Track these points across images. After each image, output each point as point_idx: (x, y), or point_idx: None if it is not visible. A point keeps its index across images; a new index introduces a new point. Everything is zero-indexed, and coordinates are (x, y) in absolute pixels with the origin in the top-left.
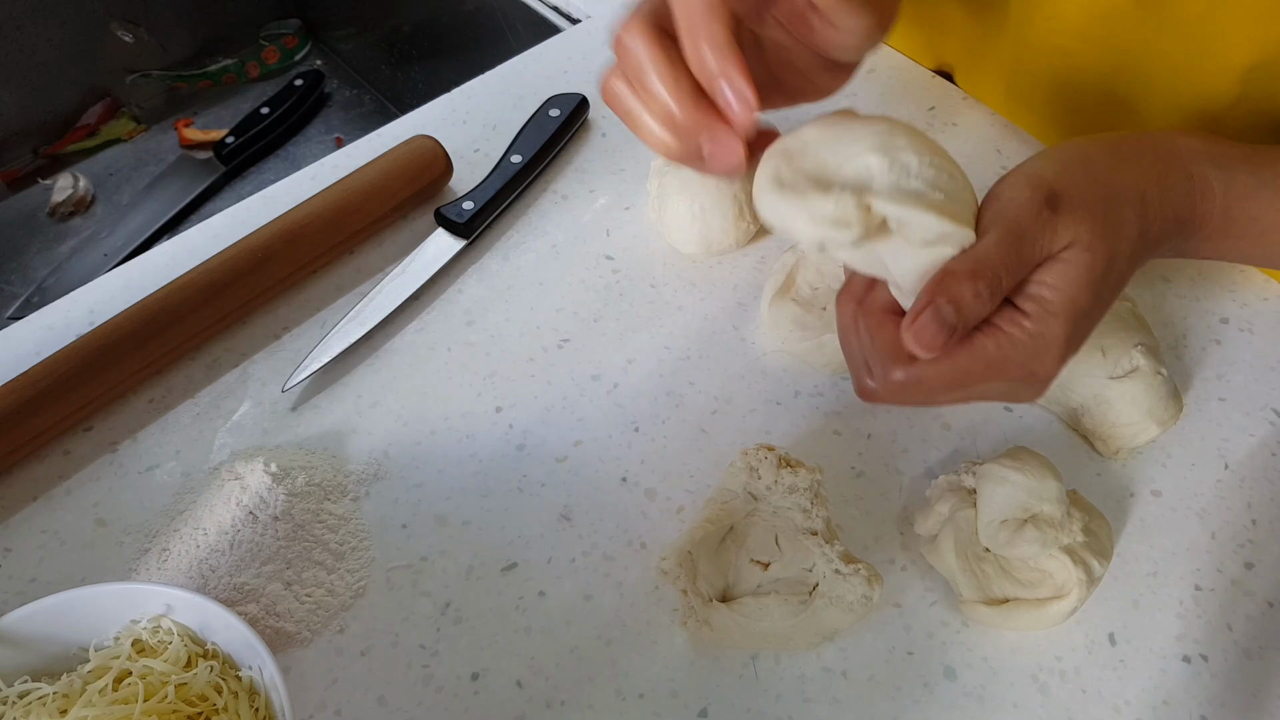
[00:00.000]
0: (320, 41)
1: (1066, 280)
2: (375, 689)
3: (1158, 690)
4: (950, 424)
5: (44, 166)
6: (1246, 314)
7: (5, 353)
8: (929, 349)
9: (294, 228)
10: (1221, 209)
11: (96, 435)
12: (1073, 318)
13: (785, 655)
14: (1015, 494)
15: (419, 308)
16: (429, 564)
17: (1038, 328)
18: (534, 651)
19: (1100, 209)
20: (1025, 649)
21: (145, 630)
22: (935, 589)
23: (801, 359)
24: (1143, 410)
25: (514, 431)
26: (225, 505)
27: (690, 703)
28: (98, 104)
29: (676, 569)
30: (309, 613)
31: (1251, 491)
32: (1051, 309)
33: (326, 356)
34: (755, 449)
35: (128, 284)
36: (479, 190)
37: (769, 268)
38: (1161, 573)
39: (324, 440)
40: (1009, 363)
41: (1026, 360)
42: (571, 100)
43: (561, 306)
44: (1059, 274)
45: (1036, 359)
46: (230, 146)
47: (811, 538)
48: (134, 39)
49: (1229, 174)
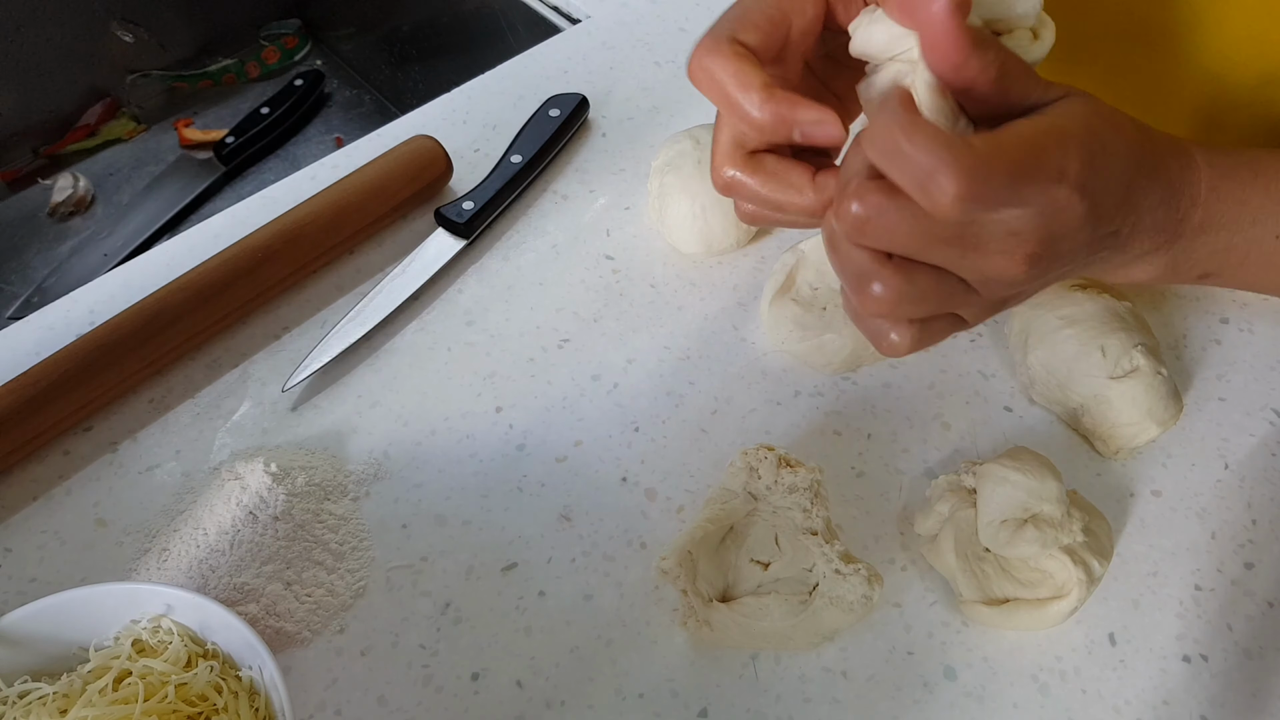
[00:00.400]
0: (320, 41)
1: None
2: (375, 689)
3: (1158, 690)
4: (950, 424)
5: (44, 166)
6: (1246, 314)
7: (5, 353)
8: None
9: (294, 228)
10: (1207, 189)
11: (96, 435)
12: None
13: (785, 655)
14: (1015, 494)
15: (419, 308)
16: (429, 564)
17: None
18: (534, 651)
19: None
20: (1025, 649)
21: (145, 630)
22: (935, 589)
23: (801, 359)
24: (1143, 410)
25: (514, 431)
26: (225, 505)
27: (690, 703)
28: (98, 104)
29: (676, 568)
30: (309, 613)
31: (1251, 491)
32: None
33: (326, 356)
34: (755, 449)
35: (128, 284)
36: (479, 190)
37: (769, 268)
38: (1161, 573)
39: (324, 440)
40: (1056, 235)
41: (1061, 235)
42: (571, 100)
43: (561, 306)
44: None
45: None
46: (230, 146)
47: (811, 537)
48: (134, 39)
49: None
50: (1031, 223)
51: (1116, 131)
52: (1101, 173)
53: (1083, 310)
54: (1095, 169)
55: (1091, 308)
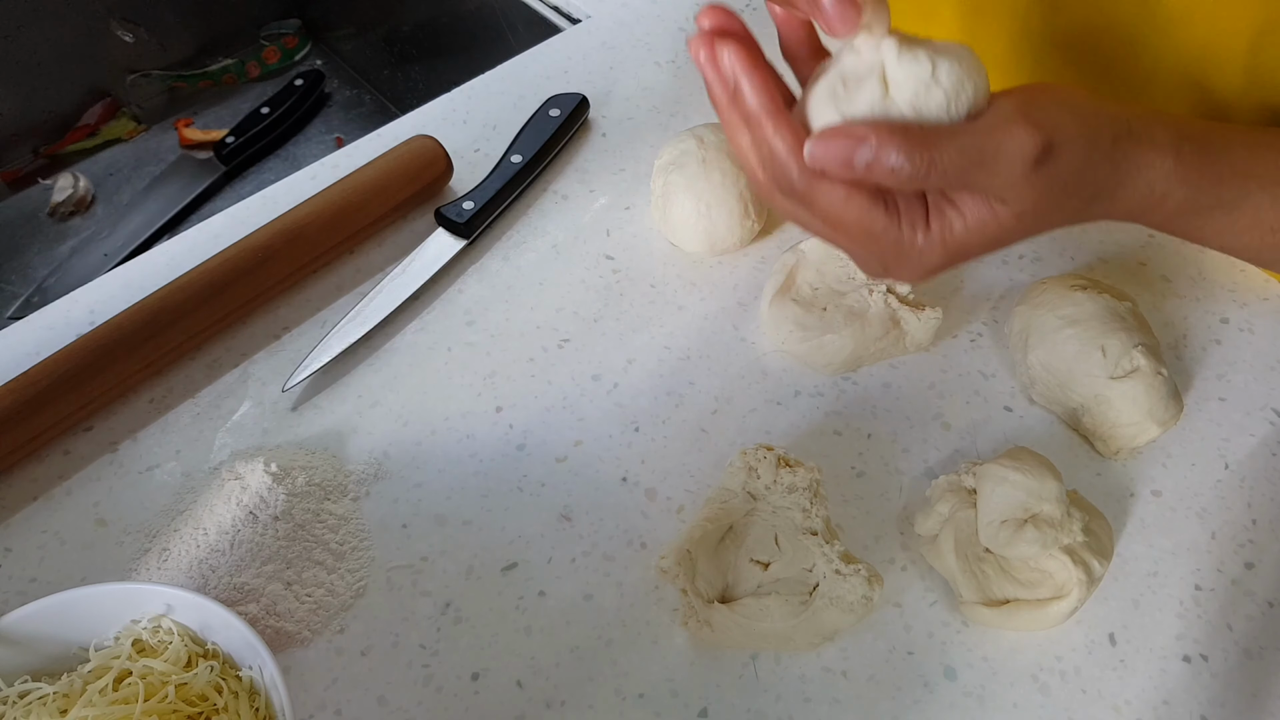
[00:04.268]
0: (320, 41)
1: (980, 229)
2: (375, 689)
3: (1158, 690)
4: (950, 424)
5: (44, 166)
6: (1246, 314)
7: (5, 353)
8: (817, 160)
9: (294, 228)
10: (1168, 216)
11: (96, 435)
12: (957, 257)
13: (785, 655)
14: (1015, 494)
15: (419, 308)
16: (429, 564)
17: (926, 244)
18: (534, 651)
19: (1061, 193)
20: (1025, 649)
21: (145, 630)
22: (935, 589)
23: (801, 359)
24: (1143, 410)
25: (514, 431)
26: (225, 505)
27: (690, 703)
28: (98, 104)
29: (675, 568)
30: (309, 613)
31: (1251, 491)
32: (949, 241)
33: (326, 356)
34: (754, 449)
35: (128, 284)
36: (479, 190)
37: (769, 268)
38: (1161, 573)
39: (324, 440)
40: (881, 245)
41: (895, 255)
42: (571, 100)
43: (561, 306)
44: (980, 220)
45: (903, 262)
46: (230, 146)
47: (811, 537)
48: (134, 39)
49: (1191, 191)
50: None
51: (1015, 238)
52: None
53: (1083, 310)
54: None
55: (1092, 308)
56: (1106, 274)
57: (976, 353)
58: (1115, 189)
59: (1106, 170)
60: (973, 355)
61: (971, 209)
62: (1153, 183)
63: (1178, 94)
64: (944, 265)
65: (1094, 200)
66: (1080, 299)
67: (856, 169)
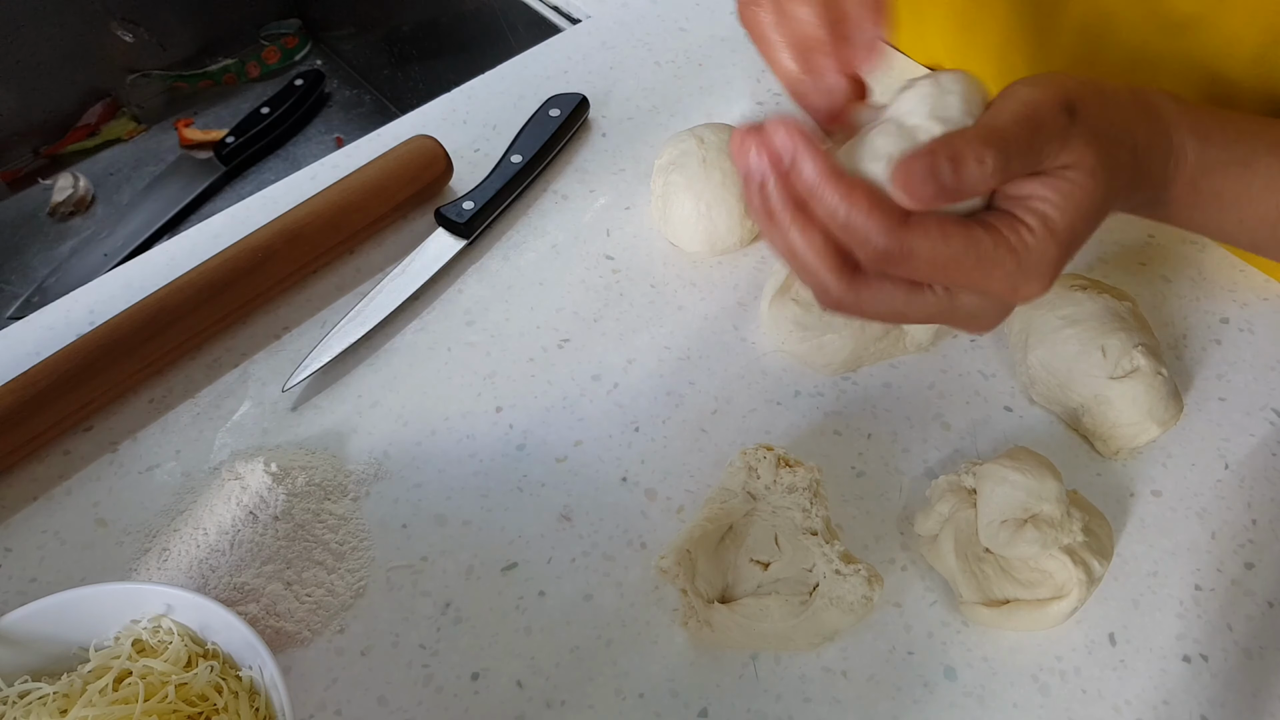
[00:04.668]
0: (320, 41)
1: (1072, 203)
2: (375, 689)
3: (1158, 690)
4: (950, 424)
5: (44, 166)
6: (1246, 314)
7: (5, 353)
8: (915, 195)
9: (294, 228)
10: (1189, 179)
11: (96, 435)
12: (1070, 243)
13: (785, 655)
14: (1015, 494)
15: (419, 308)
16: (429, 564)
17: (1036, 242)
18: (534, 651)
19: (1107, 141)
20: (1025, 649)
21: (145, 630)
22: (935, 589)
23: (801, 359)
24: (1143, 410)
25: (514, 431)
26: (225, 505)
27: (690, 703)
28: (98, 104)
29: (675, 568)
30: (309, 613)
31: (1251, 491)
32: (1054, 228)
33: (326, 356)
34: (754, 449)
35: (128, 284)
36: (479, 190)
37: (769, 268)
38: (1161, 573)
39: (324, 440)
40: (999, 269)
41: (1015, 272)
42: (571, 100)
43: (561, 306)
44: (1065, 195)
45: (1025, 275)
46: (230, 146)
47: (811, 537)
48: (134, 39)
49: (1203, 145)
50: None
51: (1107, 200)
52: (1091, 234)
53: (1083, 310)
54: (1086, 239)
55: (1092, 307)
56: (1106, 274)
57: (976, 353)
58: (1145, 137)
59: (1133, 113)
60: (973, 355)
61: (1049, 189)
62: (1169, 131)
63: (1191, 64)
64: (1063, 256)
65: (1134, 154)
66: (1080, 299)
67: (945, 181)
